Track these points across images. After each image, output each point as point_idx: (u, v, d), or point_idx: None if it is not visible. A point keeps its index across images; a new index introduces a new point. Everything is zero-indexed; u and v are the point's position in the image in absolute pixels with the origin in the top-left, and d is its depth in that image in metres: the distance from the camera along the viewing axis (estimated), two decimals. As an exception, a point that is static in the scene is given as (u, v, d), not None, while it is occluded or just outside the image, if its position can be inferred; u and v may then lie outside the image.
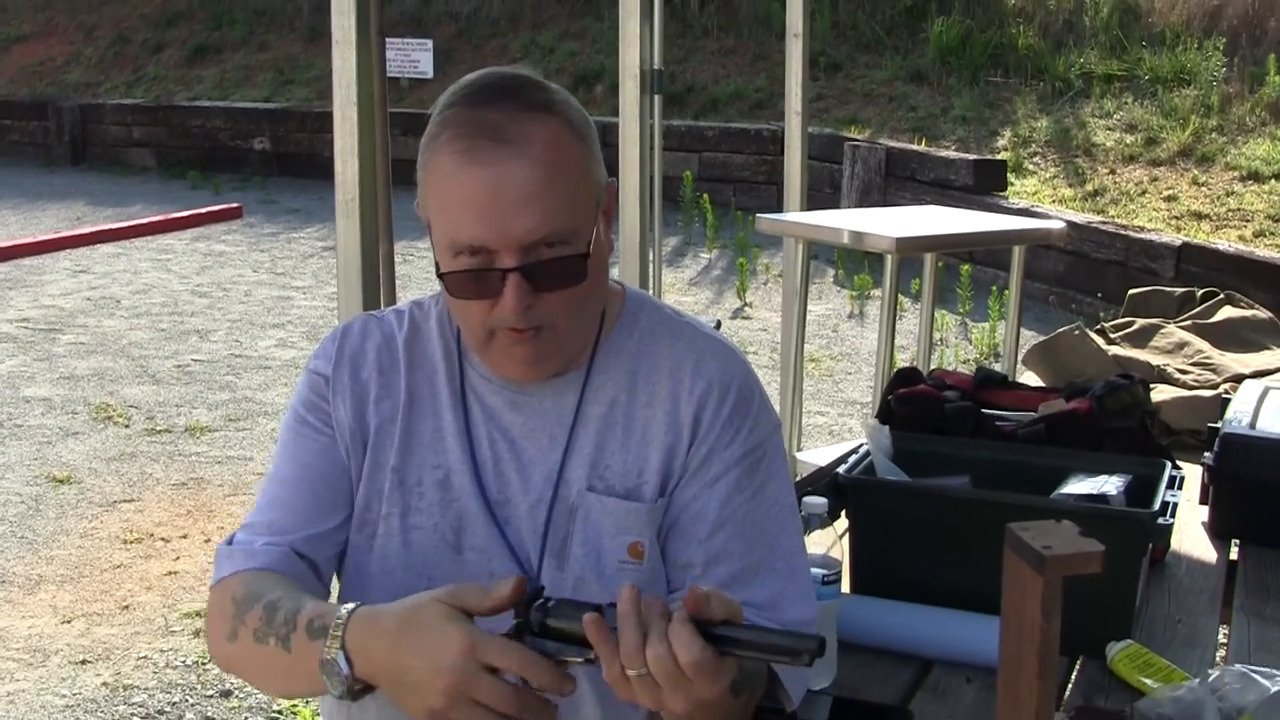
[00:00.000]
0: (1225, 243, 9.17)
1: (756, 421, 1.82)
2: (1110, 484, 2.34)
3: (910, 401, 2.75)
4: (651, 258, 5.64)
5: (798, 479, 2.44)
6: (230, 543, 1.82)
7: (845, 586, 2.35)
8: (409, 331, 1.87)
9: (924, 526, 2.30)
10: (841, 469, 2.39)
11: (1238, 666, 2.01)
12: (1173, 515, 2.22)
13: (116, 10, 19.96)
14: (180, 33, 19.12)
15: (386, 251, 3.64)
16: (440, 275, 1.70)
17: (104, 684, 4.31)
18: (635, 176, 4.92)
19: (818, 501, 2.05)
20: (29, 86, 18.86)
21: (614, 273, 1.89)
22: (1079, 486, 2.35)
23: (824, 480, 2.34)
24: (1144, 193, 10.85)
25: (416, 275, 10.72)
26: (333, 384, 1.84)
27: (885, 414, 2.80)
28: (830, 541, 2.06)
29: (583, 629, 1.44)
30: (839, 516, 2.35)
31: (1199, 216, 10.28)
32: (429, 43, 16.43)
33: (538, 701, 1.49)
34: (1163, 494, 2.28)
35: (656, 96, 5.49)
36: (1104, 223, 9.74)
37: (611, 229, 1.81)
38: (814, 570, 1.96)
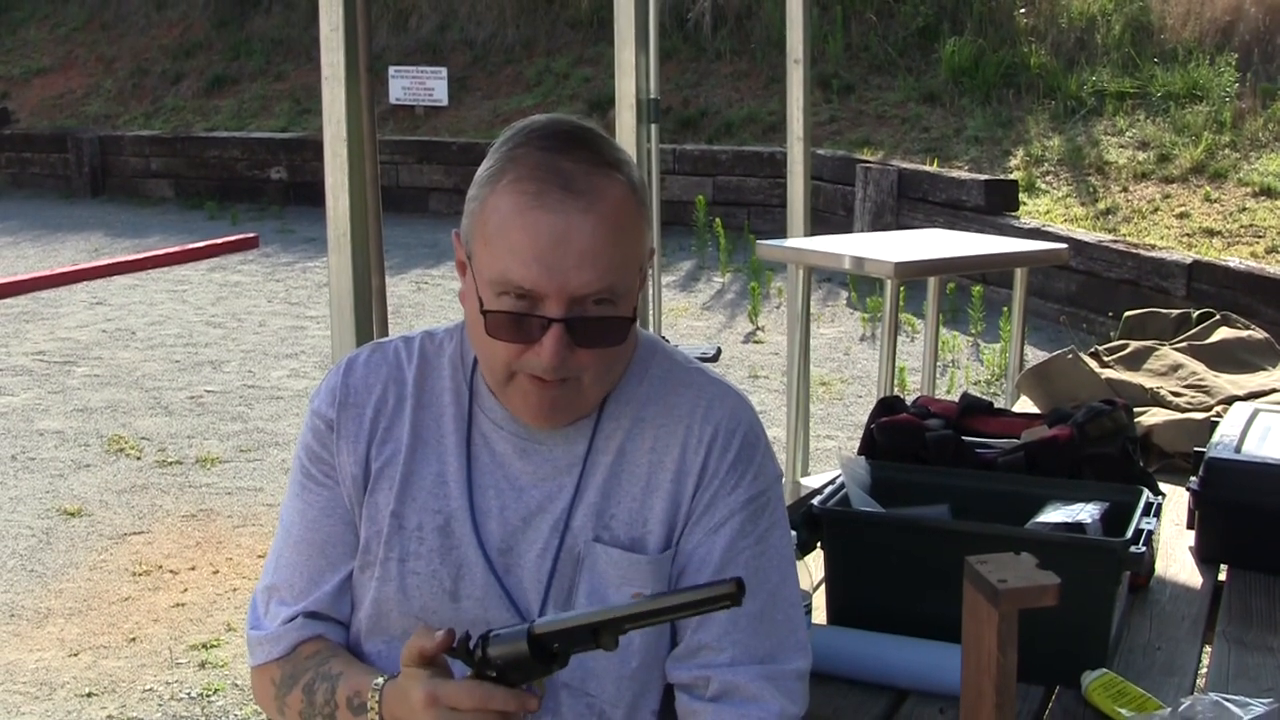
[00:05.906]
0: (1236, 260, 9.14)
1: (761, 469, 1.83)
2: (1086, 512, 2.33)
3: (891, 431, 2.75)
4: (652, 285, 5.66)
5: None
6: (257, 626, 1.87)
7: (822, 617, 2.36)
8: (419, 367, 1.86)
9: (898, 557, 2.30)
10: (817, 500, 2.40)
11: (1211, 695, 2.01)
12: (1146, 543, 2.21)
13: (135, 42, 20.09)
14: (198, 64, 19.24)
15: (379, 285, 3.66)
16: (483, 312, 1.69)
17: (109, 717, 4.33)
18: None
19: (786, 535, 2.05)
20: (49, 119, 18.99)
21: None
22: (1055, 515, 2.35)
23: (799, 512, 2.34)
24: (1156, 210, 10.84)
25: (430, 304, 10.76)
26: (337, 427, 1.84)
27: (868, 443, 2.80)
28: (799, 574, 2.07)
29: (526, 648, 1.49)
30: (815, 548, 2.36)
31: (1211, 233, 10.26)
32: (443, 71, 16.49)
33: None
34: (1137, 521, 2.27)
35: (653, 125, 5.52)
36: (1115, 241, 9.72)
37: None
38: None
